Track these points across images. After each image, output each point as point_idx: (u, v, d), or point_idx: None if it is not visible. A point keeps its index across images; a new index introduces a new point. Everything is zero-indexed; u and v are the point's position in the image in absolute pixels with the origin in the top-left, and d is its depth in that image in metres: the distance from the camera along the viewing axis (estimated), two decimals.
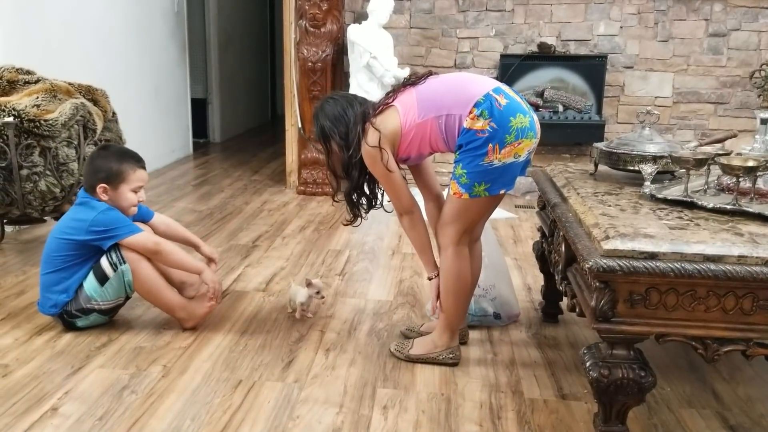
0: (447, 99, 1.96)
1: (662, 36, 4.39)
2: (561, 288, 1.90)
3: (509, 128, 1.90)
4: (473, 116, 1.90)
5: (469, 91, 1.94)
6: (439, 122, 1.95)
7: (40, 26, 3.70)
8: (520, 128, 1.92)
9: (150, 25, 5.22)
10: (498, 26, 4.49)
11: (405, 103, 1.99)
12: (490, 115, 1.89)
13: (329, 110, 2.07)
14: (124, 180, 2.28)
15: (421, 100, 1.98)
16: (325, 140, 2.08)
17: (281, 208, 4.21)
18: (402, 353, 2.16)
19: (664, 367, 2.11)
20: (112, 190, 2.27)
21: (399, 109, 1.99)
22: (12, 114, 2.64)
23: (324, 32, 4.39)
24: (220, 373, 2.06)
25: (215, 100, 6.92)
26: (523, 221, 3.95)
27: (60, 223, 2.34)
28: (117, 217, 2.26)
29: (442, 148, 2.02)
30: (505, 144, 1.91)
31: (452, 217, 2.03)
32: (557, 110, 4.37)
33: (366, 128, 2.00)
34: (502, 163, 1.92)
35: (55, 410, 1.83)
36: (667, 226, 1.58)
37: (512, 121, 1.91)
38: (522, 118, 1.92)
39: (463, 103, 1.92)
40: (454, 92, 1.97)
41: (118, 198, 2.28)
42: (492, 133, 1.89)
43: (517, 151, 1.93)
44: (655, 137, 2.08)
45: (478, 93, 1.92)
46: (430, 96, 1.98)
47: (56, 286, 2.28)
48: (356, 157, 2.02)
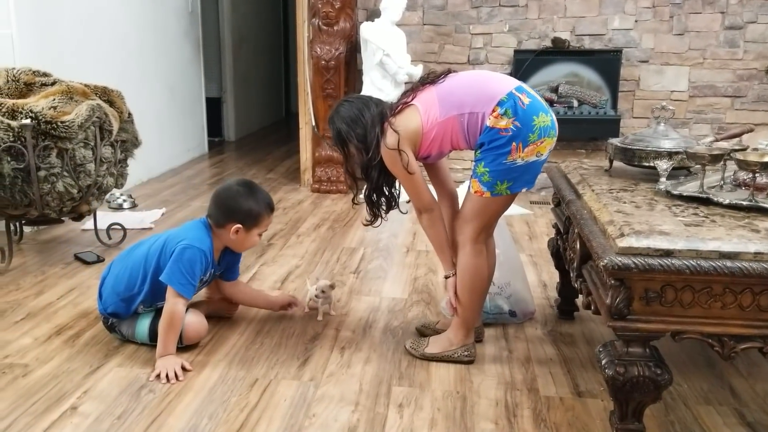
0: (469, 97, 1.95)
1: (678, 29, 4.35)
2: (576, 285, 1.89)
3: (532, 127, 1.91)
4: (497, 115, 1.90)
5: (491, 89, 1.94)
6: (461, 120, 1.94)
7: (56, 29, 3.74)
8: (543, 127, 1.93)
9: (164, 26, 5.25)
10: (511, 22, 4.47)
11: (426, 102, 1.98)
12: (514, 113, 1.90)
13: (345, 113, 2.06)
14: (257, 224, 2.21)
15: (442, 98, 1.97)
16: (342, 144, 2.08)
17: (296, 206, 4.22)
18: (417, 351, 2.17)
19: (681, 364, 2.10)
20: (245, 231, 2.20)
21: (419, 108, 1.98)
22: (29, 116, 2.67)
23: (337, 30, 4.39)
24: (236, 371, 2.08)
25: (230, 98, 6.95)
26: (539, 217, 3.94)
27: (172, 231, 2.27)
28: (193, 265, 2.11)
29: (463, 146, 2.02)
30: (529, 143, 1.91)
31: (472, 215, 2.03)
32: (572, 105, 4.35)
33: (384, 129, 1.99)
34: (524, 161, 1.93)
35: (74, 409, 1.86)
36: (682, 223, 1.57)
37: (535, 120, 1.92)
38: (544, 117, 1.94)
39: (486, 101, 1.92)
40: (476, 90, 1.96)
41: (245, 239, 2.22)
42: (516, 131, 1.90)
43: (539, 149, 1.94)
44: (671, 133, 2.07)
45: (501, 91, 1.92)
46: (452, 94, 1.97)
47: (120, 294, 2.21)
48: (376, 159, 2.02)
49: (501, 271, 2.37)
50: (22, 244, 3.30)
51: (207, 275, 2.23)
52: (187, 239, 2.15)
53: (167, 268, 2.12)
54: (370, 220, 2.18)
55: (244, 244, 2.25)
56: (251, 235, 2.22)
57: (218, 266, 2.30)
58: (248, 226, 2.19)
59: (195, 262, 2.12)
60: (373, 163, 2.03)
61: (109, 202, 4.05)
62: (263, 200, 2.24)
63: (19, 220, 3.05)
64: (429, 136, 1.98)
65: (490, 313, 2.41)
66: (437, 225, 2.09)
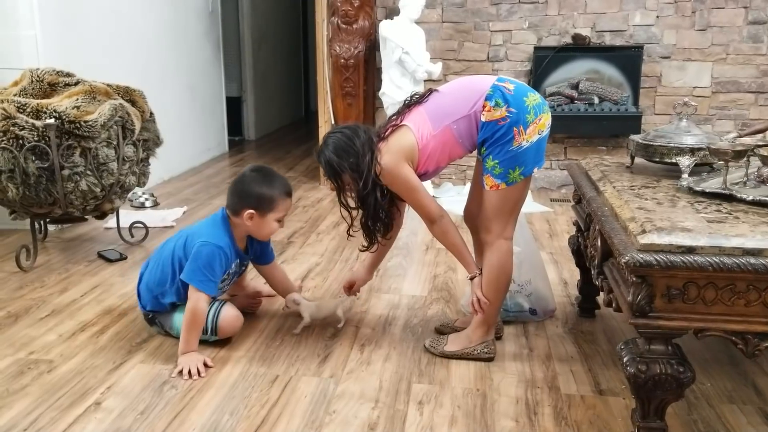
0: (456, 104, 2.00)
1: (700, 25, 4.29)
2: (597, 283, 1.88)
3: (527, 108, 1.95)
4: (489, 108, 1.95)
5: (475, 89, 1.99)
6: (454, 128, 1.98)
7: (78, 30, 3.79)
8: (536, 105, 1.97)
9: (185, 26, 5.29)
10: (531, 18, 4.44)
11: (416, 121, 2.01)
12: (505, 101, 1.94)
13: (333, 144, 2.04)
14: (273, 209, 2.18)
15: (431, 112, 2.01)
16: (335, 175, 2.04)
17: (315, 205, 4.24)
18: (437, 350, 2.17)
19: (704, 362, 2.08)
20: (259, 216, 2.17)
21: (411, 127, 2.00)
22: (53, 116, 2.71)
23: (356, 29, 4.40)
24: (257, 368, 2.09)
25: (249, 98, 6.99)
26: (559, 215, 3.91)
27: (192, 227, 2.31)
28: (211, 261, 2.12)
29: (461, 154, 2.05)
30: (528, 123, 1.95)
31: (495, 211, 2.03)
32: (593, 102, 4.31)
33: (376, 153, 1.99)
34: (529, 143, 1.96)
35: (98, 404, 1.88)
36: (705, 220, 1.55)
37: (526, 100, 1.96)
38: (533, 96, 1.99)
39: (472, 101, 1.97)
40: (461, 96, 2.01)
41: (262, 225, 2.19)
42: (514, 117, 1.93)
43: (540, 127, 1.98)
44: (693, 129, 2.04)
45: (484, 87, 1.97)
46: (439, 107, 2.02)
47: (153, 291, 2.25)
48: (369, 185, 1.99)
49: (522, 269, 2.36)
50: (47, 242, 3.35)
51: (233, 268, 2.25)
52: (204, 236, 2.16)
53: (186, 267, 2.14)
54: (366, 246, 2.18)
55: (261, 231, 2.22)
56: (267, 220, 2.19)
57: (246, 255, 2.32)
58: (262, 212, 2.17)
59: (213, 259, 2.13)
60: (368, 190, 2.00)
61: (131, 201, 4.10)
62: (279, 185, 2.21)
63: (43, 218, 3.10)
64: (425, 151, 2.00)
65: (511, 311, 2.40)
66: (450, 231, 2.08)
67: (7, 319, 2.46)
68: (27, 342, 2.27)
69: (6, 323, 2.42)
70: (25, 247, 2.99)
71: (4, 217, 3.17)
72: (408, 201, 2.07)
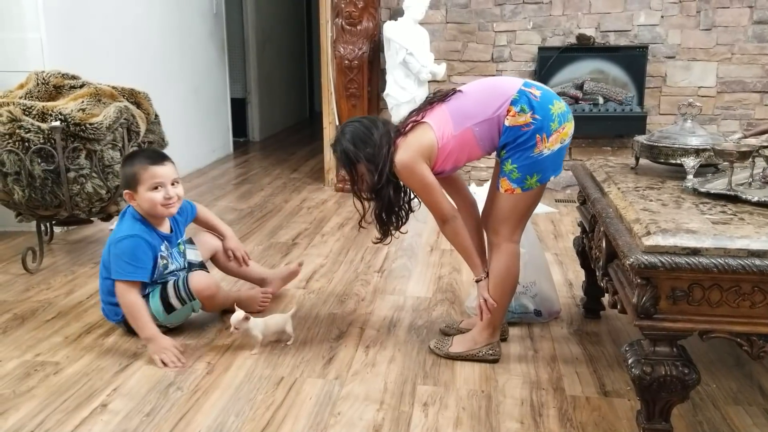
0: (480, 106, 1.97)
1: (705, 24, 4.28)
2: (602, 284, 1.87)
3: (551, 116, 1.94)
4: (513, 113, 1.92)
5: (500, 92, 1.96)
6: (476, 130, 1.96)
7: (83, 32, 3.80)
8: (561, 113, 1.96)
9: (190, 27, 5.31)
10: (535, 19, 4.44)
11: (438, 119, 1.99)
12: (530, 107, 1.92)
13: (351, 133, 2.03)
14: (139, 181, 2.21)
15: (453, 112, 1.98)
16: (350, 164, 2.03)
17: (320, 206, 4.24)
18: (442, 351, 2.17)
19: (709, 364, 2.08)
20: (135, 194, 2.23)
21: (432, 125, 1.98)
22: (59, 118, 2.72)
23: (360, 30, 4.40)
24: (262, 370, 2.10)
25: (254, 99, 7.01)
26: (564, 216, 3.91)
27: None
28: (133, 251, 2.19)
29: (479, 155, 2.03)
30: (552, 131, 1.94)
31: (506, 214, 2.03)
32: (597, 102, 4.31)
33: (395, 147, 1.98)
34: (551, 151, 1.95)
35: (104, 406, 1.89)
36: (710, 221, 1.55)
37: (552, 108, 1.95)
38: (559, 104, 1.97)
39: (497, 104, 1.94)
40: (485, 97, 1.98)
41: (141, 201, 2.23)
42: (538, 124, 1.92)
43: (562, 136, 1.97)
44: (698, 129, 2.04)
45: (510, 91, 1.95)
46: (462, 107, 1.99)
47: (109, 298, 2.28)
48: (384, 179, 1.99)
49: (526, 270, 2.36)
50: (53, 244, 3.36)
51: (165, 250, 2.31)
52: (116, 233, 2.25)
53: (111, 267, 2.22)
54: (380, 239, 2.17)
55: (146, 206, 2.24)
56: (141, 194, 2.22)
57: (172, 234, 2.37)
58: (133, 189, 2.24)
59: (133, 249, 2.20)
60: (383, 183, 2.00)
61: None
62: (139, 157, 2.27)
63: (49, 220, 3.11)
64: (445, 150, 1.98)
65: (515, 312, 2.40)
66: (461, 232, 2.07)
67: (14, 321, 2.47)
68: (33, 344, 2.28)
69: (12, 325, 2.43)
70: (31, 249, 3.00)
71: (10, 219, 3.18)
72: (421, 199, 2.06)
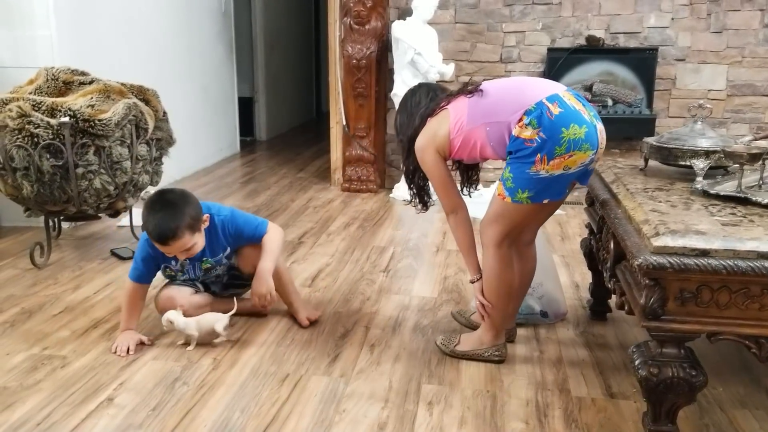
0: (498, 106, 1.92)
1: (715, 27, 4.26)
2: (610, 285, 1.87)
3: (560, 139, 1.82)
4: (522, 124, 1.85)
5: (522, 97, 1.89)
6: (487, 129, 1.92)
7: (93, 30, 3.82)
8: (574, 140, 1.82)
9: (198, 26, 5.32)
10: (545, 20, 4.43)
11: (457, 110, 1.98)
12: (539, 124, 1.83)
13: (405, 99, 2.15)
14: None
15: (471, 107, 1.96)
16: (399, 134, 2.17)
17: (326, 205, 4.25)
18: (448, 348, 2.17)
19: (716, 367, 2.06)
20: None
21: (450, 115, 1.98)
22: (68, 114, 2.73)
23: (368, 29, 4.40)
24: (267, 366, 2.10)
25: (261, 98, 7.01)
26: (571, 218, 3.90)
27: None
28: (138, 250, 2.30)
29: (491, 156, 1.99)
30: (555, 155, 1.83)
31: (493, 218, 2.01)
32: (606, 104, 4.29)
33: (422, 125, 2.04)
34: (549, 174, 1.86)
35: (110, 400, 1.89)
36: (719, 223, 1.54)
37: (564, 132, 1.82)
38: (576, 129, 1.82)
39: (513, 110, 1.88)
40: (507, 99, 1.92)
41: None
42: (540, 143, 1.83)
43: (567, 163, 1.85)
44: (708, 131, 2.03)
45: (530, 100, 1.86)
46: (481, 103, 1.95)
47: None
48: (410, 153, 2.08)
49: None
50: (60, 239, 3.38)
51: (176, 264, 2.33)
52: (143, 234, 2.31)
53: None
54: (409, 201, 2.24)
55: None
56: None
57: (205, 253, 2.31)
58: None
59: (139, 251, 2.29)
60: (409, 156, 2.09)
61: (144, 200, 4.12)
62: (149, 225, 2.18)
63: (57, 216, 3.12)
64: (455, 143, 1.98)
65: (522, 313, 2.39)
66: (462, 227, 2.08)
67: (21, 315, 2.48)
68: (41, 338, 2.29)
69: (20, 319, 2.44)
70: (39, 245, 3.01)
71: (18, 214, 3.19)
72: (432, 184, 2.10)
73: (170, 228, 2.12)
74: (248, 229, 2.34)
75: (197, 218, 2.21)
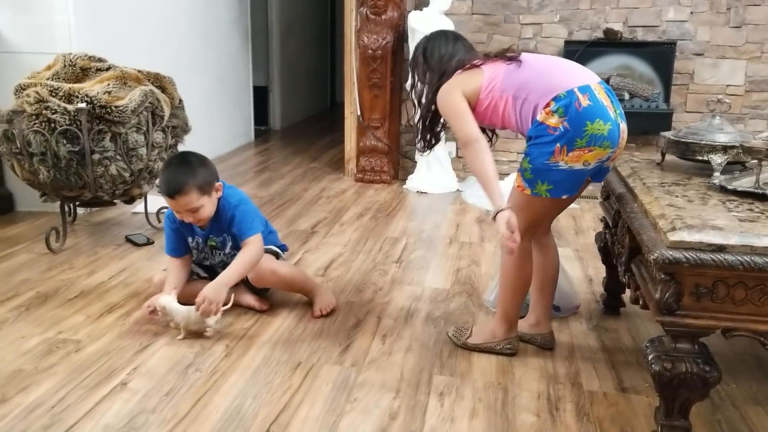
0: (530, 83, 1.89)
1: (735, 22, 4.21)
2: (624, 280, 1.86)
3: (582, 132, 1.80)
4: (549, 111, 1.83)
5: (554, 81, 1.86)
6: (516, 103, 1.90)
7: (110, 16, 3.83)
8: (596, 135, 1.81)
9: (215, 14, 5.33)
10: (562, 12, 4.40)
11: (492, 72, 1.94)
12: (566, 113, 1.81)
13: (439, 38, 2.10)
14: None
15: (508, 75, 1.92)
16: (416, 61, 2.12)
17: (339, 195, 4.25)
18: (459, 340, 2.16)
19: (730, 363, 2.05)
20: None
21: (485, 74, 1.95)
22: (85, 100, 2.75)
23: (385, 19, 4.39)
24: (279, 354, 2.11)
25: (276, 87, 7.02)
26: (585, 212, 3.88)
27: None
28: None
29: (513, 128, 1.97)
30: (574, 147, 1.82)
31: (514, 209, 2.00)
32: (623, 98, 4.26)
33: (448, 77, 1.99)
34: (568, 166, 1.84)
35: (124, 385, 1.91)
36: (736, 218, 1.53)
37: (588, 126, 1.80)
38: (601, 125, 1.81)
39: (543, 92, 1.85)
40: (540, 78, 1.89)
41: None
42: (563, 132, 1.82)
43: (586, 158, 1.83)
44: (726, 126, 2.01)
45: (561, 86, 1.84)
46: (517, 74, 1.92)
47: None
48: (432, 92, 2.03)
49: None
50: (76, 225, 3.41)
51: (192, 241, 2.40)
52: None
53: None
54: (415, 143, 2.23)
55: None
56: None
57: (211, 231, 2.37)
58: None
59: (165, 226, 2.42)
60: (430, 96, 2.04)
61: (158, 187, 4.14)
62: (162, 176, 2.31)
63: (73, 201, 3.15)
64: (483, 104, 1.94)
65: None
66: (482, 155, 1.89)
67: (37, 299, 2.51)
68: (55, 322, 2.31)
69: (35, 303, 2.47)
70: (54, 230, 3.04)
71: (34, 199, 3.22)
72: (450, 124, 2.00)
73: (178, 182, 2.20)
74: (237, 225, 2.31)
75: (209, 181, 2.27)
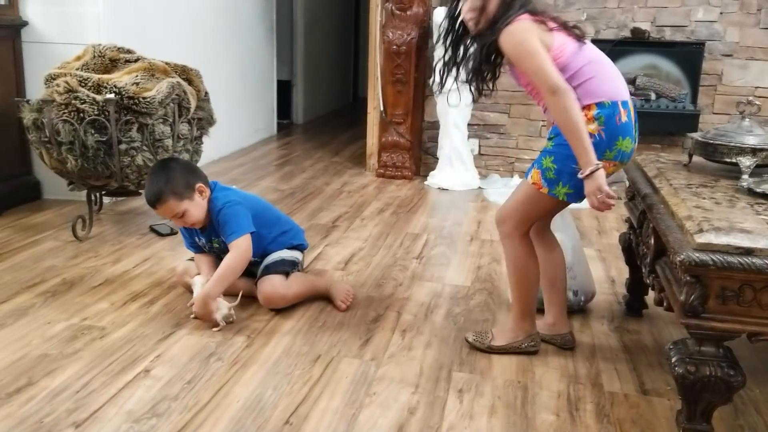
0: (584, 76, 1.84)
1: (765, 23, 4.15)
2: (648, 281, 1.85)
3: (613, 146, 1.85)
4: (590, 116, 1.83)
5: (604, 86, 1.85)
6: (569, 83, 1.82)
7: (138, 8, 3.87)
8: (622, 151, 1.87)
9: (241, 8, 5.35)
10: (590, 10, 4.36)
11: (561, 42, 1.85)
12: (606, 123, 1.83)
13: None
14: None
15: (572, 53, 1.84)
16: None
17: (360, 190, 4.26)
18: (483, 344, 2.13)
19: (754, 369, 2.03)
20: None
21: (555, 40, 1.84)
22: (113, 91, 2.78)
23: (410, 15, 4.38)
24: (300, 346, 2.13)
25: (299, 82, 7.04)
26: (608, 212, 3.84)
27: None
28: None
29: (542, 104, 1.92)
30: (603, 158, 1.83)
31: (519, 204, 1.99)
32: (649, 98, 4.22)
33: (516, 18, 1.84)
34: None
35: (147, 372, 1.94)
36: (765, 222, 1.51)
37: (619, 141, 1.85)
38: (628, 143, 1.87)
39: (592, 92, 1.84)
40: (594, 76, 1.85)
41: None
42: (597, 141, 1.82)
43: (607, 170, 1.85)
44: (756, 128, 1.98)
45: (608, 95, 1.84)
46: (578, 58, 1.85)
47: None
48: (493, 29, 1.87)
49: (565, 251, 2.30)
50: (101, 214, 3.45)
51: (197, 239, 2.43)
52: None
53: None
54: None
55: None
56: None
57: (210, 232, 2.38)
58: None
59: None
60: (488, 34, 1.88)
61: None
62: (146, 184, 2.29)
63: (99, 190, 3.19)
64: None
65: None
66: (573, 108, 1.78)
67: (62, 285, 2.55)
68: (80, 308, 2.35)
69: (61, 290, 2.51)
70: (81, 218, 3.08)
71: (61, 187, 3.27)
72: (528, 68, 1.83)
73: (155, 192, 2.23)
74: (222, 229, 2.30)
75: (188, 186, 2.26)
